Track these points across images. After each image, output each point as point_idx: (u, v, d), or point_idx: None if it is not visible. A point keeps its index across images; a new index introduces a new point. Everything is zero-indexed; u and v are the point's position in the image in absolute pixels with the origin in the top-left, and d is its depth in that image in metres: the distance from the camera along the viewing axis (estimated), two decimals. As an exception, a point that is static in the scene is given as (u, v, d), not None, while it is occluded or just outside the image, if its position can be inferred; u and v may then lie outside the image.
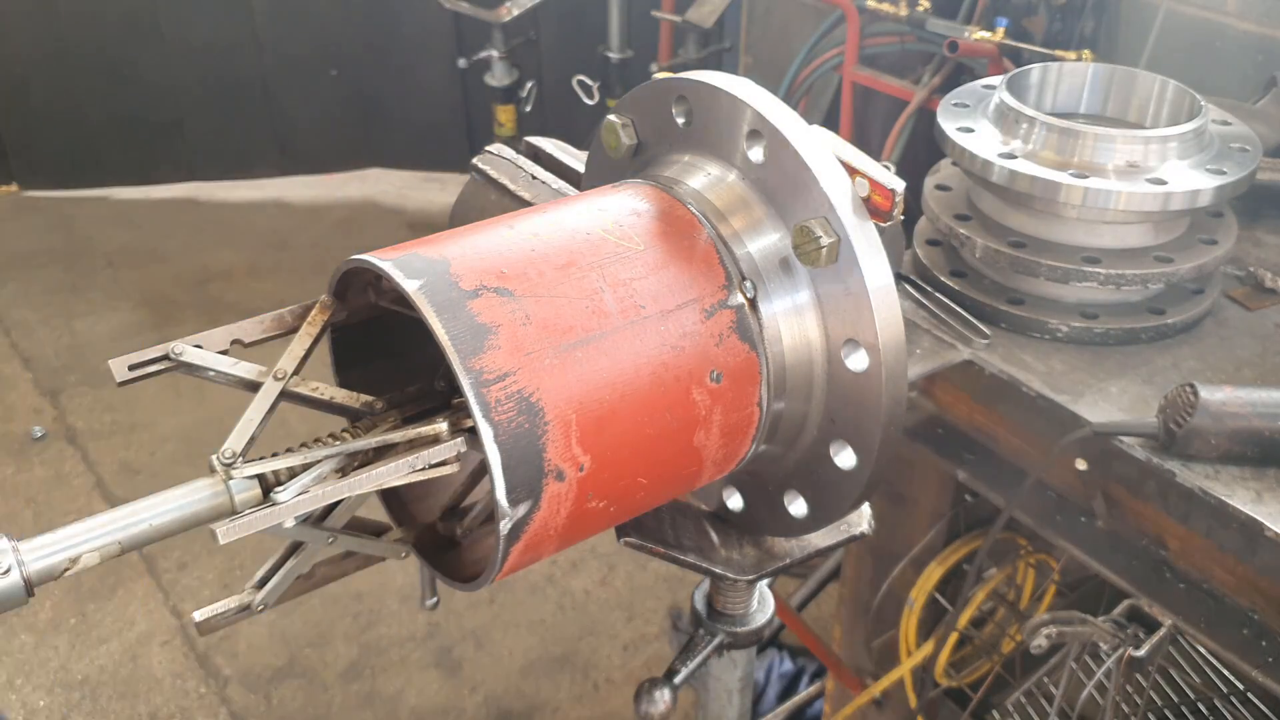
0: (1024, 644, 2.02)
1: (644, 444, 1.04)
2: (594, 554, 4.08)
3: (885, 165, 1.48)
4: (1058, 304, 1.96)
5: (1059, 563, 2.25)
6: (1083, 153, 1.86)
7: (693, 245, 1.10)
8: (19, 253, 5.89)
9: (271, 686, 3.61)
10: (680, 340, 1.05)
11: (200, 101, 6.31)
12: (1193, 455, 1.64)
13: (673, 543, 1.28)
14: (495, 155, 1.64)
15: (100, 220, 6.20)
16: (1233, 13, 3.11)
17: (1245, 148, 1.93)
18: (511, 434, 0.95)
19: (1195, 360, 1.90)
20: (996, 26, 3.43)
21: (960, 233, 1.98)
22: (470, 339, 0.95)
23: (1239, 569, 1.63)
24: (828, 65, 4.19)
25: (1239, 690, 2.14)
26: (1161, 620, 1.79)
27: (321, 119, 6.49)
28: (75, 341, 5.21)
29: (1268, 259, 2.19)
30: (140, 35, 6.09)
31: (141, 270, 5.75)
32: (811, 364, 1.11)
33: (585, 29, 5.66)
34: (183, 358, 0.99)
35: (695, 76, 1.13)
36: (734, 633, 1.40)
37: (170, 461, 4.47)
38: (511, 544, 1.00)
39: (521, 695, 3.60)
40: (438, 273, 0.99)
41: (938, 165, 2.21)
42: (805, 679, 3.46)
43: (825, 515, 1.18)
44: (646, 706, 1.35)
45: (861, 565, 2.55)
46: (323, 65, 6.33)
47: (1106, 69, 2.11)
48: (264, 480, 0.99)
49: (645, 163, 1.21)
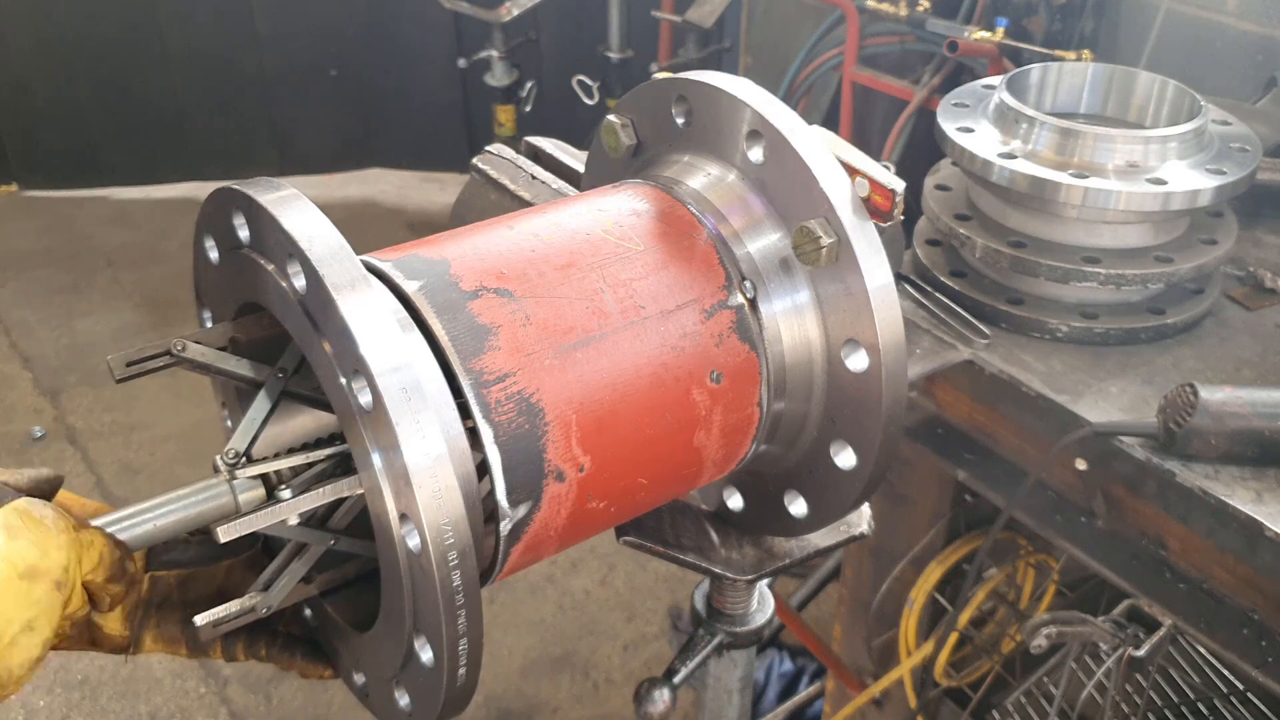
0: (1024, 644, 2.02)
1: (644, 444, 1.04)
2: (594, 554, 4.08)
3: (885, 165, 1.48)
4: (1058, 304, 1.96)
5: (1059, 563, 2.26)
6: (1083, 153, 1.86)
7: (692, 245, 1.10)
8: (19, 253, 5.89)
9: (271, 686, 3.61)
10: (680, 341, 1.05)
11: (200, 101, 6.31)
12: (1193, 455, 1.64)
13: (672, 542, 1.29)
14: (495, 155, 1.64)
15: (100, 220, 6.20)
16: (1232, 13, 3.11)
17: (1245, 148, 1.93)
18: (512, 435, 0.95)
19: (1195, 360, 1.90)
20: (996, 26, 3.43)
21: (960, 233, 1.98)
22: (470, 340, 0.95)
23: (1239, 569, 1.63)
24: (828, 65, 4.19)
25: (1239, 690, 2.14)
26: (1161, 620, 1.80)
27: (321, 119, 6.49)
28: (75, 341, 5.21)
29: (1268, 259, 2.19)
30: (140, 35, 6.09)
31: (141, 270, 5.75)
32: (811, 364, 1.11)
33: (585, 29, 5.66)
34: (184, 354, 0.99)
35: (695, 76, 1.13)
36: (734, 633, 1.40)
37: (170, 461, 4.47)
38: (512, 545, 1.00)
39: (521, 695, 3.60)
40: (438, 273, 0.99)
41: (938, 165, 2.21)
42: (805, 679, 3.46)
43: (825, 515, 1.18)
44: (646, 706, 1.35)
45: (861, 565, 2.55)
46: (323, 65, 6.33)
47: (1106, 69, 2.11)
48: (267, 480, 0.99)
49: (645, 163, 1.21)
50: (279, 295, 0.92)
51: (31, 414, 4.74)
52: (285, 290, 0.91)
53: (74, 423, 4.70)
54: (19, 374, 5.00)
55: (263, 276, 0.94)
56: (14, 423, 4.69)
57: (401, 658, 0.94)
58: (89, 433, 4.64)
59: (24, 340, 5.22)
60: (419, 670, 0.93)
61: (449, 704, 0.93)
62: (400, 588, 0.89)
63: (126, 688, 3.60)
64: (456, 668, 0.89)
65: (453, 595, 0.85)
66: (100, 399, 4.81)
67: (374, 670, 1.02)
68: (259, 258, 0.94)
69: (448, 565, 0.85)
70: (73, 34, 6.02)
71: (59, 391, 4.88)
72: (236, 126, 6.41)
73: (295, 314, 0.90)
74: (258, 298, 0.97)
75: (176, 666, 3.66)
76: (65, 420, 4.71)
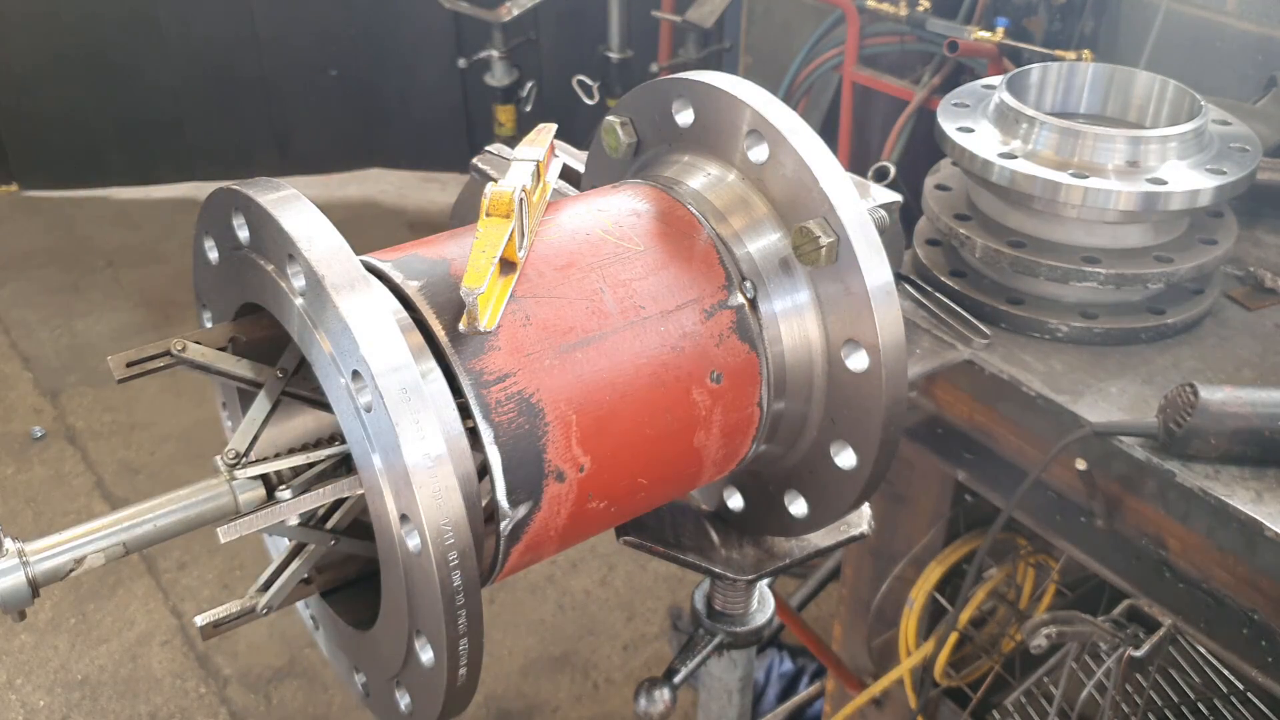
0: (1024, 644, 2.02)
1: (644, 444, 1.04)
2: (594, 554, 4.08)
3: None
4: (1058, 304, 1.96)
5: (1059, 563, 2.26)
6: (1082, 152, 1.86)
7: (692, 246, 1.10)
8: (19, 253, 5.89)
9: (271, 686, 3.61)
10: (680, 341, 1.05)
11: (200, 101, 6.31)
12: (1193, 455, 1.64)
13: (673, 542, 1.29)
14: (495, 155, 1.64)
15: (100, 220, 6.20)
16: (1232, 13, 3.11)
17: (1245, 148, 1.93)
18: (512, 435, 0.95)
19: (1195, 360, 1.90)
20: (996, 26, 3.43)
21: (960, 233, 1.98)
22: (470, 340, 0.95)
23: (1239, 569, 1.63)
24: (828, 65, 4.19)
25: (1239, 690, 2.14)
26: (1161, 620, 1.79)
27: (321, 119, 6.49)
28: (75, 341, 5.21)
29: (1268, 259, 2.19)
30: (140, 35, 6.09)
31: (141, 270, 5.75)
32: (811, 364, 1.11)
33: (585, 29, 5.66)
34: (184, 354, 0.99)
35: (695, 76, 1.13)
36: (734, 632, 1.40)
37: (170, 461, 4.47)
38: (512, 545, 1.00)
39: (521, 695, 3.60)
40: (438, 273, 0.99)
41: (938, 165, 2.21)
42: (805, 679, 3.46)
43: (825, 515, 1.18)
44: (646, 706, 1.35)
45: (861, 565, 2.55)
46: (323, 65, 6.33)
47: (1106, 69, 2.11)
48: (267, 480, 0.99)
49: (645, 163, 1.21)
50: (279, 295, 0.92)
51: (31, 414, 4.74)
52: (285, 290, 0.91)
53: (74, 423, 4.70)
54: (19, 374, 5.00)
55: (263, 277, 0.94)
56: (14, 423, 4.69)
57: (402, 658, 0.94)
58: (89, 433, 4.64)
59: (24, 340, 5.22)
60: (419, 670, 0.93)
61: (449, 704, 0.93)
62: (400, 588, 0.90)
63: (126, 688, 3.60)
64: (457, 668, 0.89)
65: (453, 595, 0.85)
66: (100, 399, 4.81)
67: (374, 670, 1.02)
68: (259, 258, 0.94)
69: (448, 565, 0.85)
70: (73, 34, 6.02)
71: (59, 391, 4.88)
72: (236, 126, 6.41)
73: (295, 314, 0.90)
74: (258, 298, 0.97)
75: (176, 666, 3.66)
76: (65, 420, 4.71)
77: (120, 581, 3.95)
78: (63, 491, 4.34)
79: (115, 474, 4.43)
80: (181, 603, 3.88)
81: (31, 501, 4.30)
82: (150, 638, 3.76)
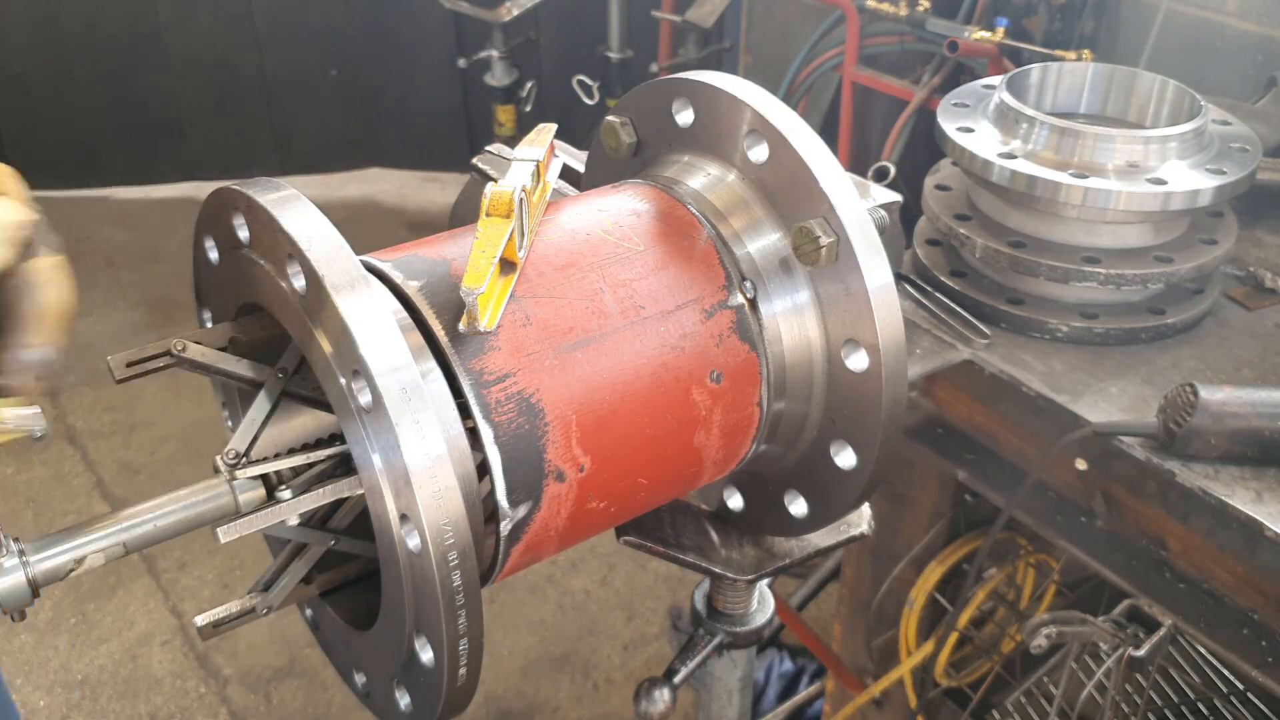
0: (1024, 644, 2.02)
1: (644, 444, 1.04)
2: (594, 554, 4.08)
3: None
4: (1058, 304, 1.96)
5: (1059, 563, 2.26)
6: (1083, 153, 1.86)
7: (692, 246, 1.10)
8: (19, 253, 5.88)
9: (271, 686, 3.61)
10: (680, 341, 1.05)
11: (200, 101, 6.31)
12: (1193, 455, 1.64)
13: (673, 542, 1.29)
14: (495, 155, 1.64)
15: (100, 220, 6.20)
16: (1232, 13, 3.11)
17: (1245, 148, 1.93)
18: (512, 435, 0.95)
19: (1195, 360, 1.90)
20: (996, 26, 3.43)
21: (960, 233, 1.98)
22: (470, 339, 0.95)
23: (1239, 569, 1.63)
24: (828, 65, 4.19)
25: (1239, 690, 2.14)
26: (1161, 620, 1.79)
27: (321, 119, 6.49)
28: (75, 341, 5.14)
29: (1268, 259, 2.19)
30: (140, 35, 6.09)
31: (141, 270, 5.75)
32: (811, 364, 1.11)
33: (585, 29, 5.66)
34: (184, 354, 0.99)
35: (695, 76, 1.13)
36: (734, 632, 1.40)
37: (170, 461, 4.47)
38: (512, 545, 1.00)
39: (521, 695, 3.60)
40: (438, 273, 0.99)
41: (938, 165, 2.21)
42: (805, 679, 3.46)
43: (825, 515, 1.18)
44: (646, 706, 1.35)
45: (861, 565, 2.55)
46: (323, 65, 6.33)
47: (1106, 69, 2.11)
48: (267, 480, 0.99)
49: (645, 163, 1.21)
50: (279, 295, 0.92)
51: (31, 414, 4.74)
52: (285, 290, 0.91)
53: (74, 423, 4.70)
54: (19, 374, 4.99)
55: (262, 277, 0.94)
56: (14, 423, 4.69)
57: (401, 658, 0.94)
58: (89, 433, 4.64)
59: (24, 340, 5.22)
60: (419, 670, 0.93)
61: (449, 704, 0.93)
62: (400, 588, 0.90)
63: (126, 688, 3.60)
64: (457, 668, 0.89)
65: (453, 595, 0.85)
66: (100, 399, 4.81)
67: (374, 670, 1.02)
68: (259, 258, 0.94)
69: (448, 565, 0.85)
70: (73, 34, 6.02)
71: (59, 391, 4.88)
72: (236, 126, 6.41)
73: (295, 314, 0.90)
74: (258, 298, 0.97)
75: (176, 666, 3.66)
76: (65, 420, 4.71)
77: (120, 581, 3.95)
78: (63, 491, 4.34)
79: (115, 474, 4.43)
80: (181, 603, 3.88)
81: (31, 501, 4.30)
82: (150, 638, 3.76)
